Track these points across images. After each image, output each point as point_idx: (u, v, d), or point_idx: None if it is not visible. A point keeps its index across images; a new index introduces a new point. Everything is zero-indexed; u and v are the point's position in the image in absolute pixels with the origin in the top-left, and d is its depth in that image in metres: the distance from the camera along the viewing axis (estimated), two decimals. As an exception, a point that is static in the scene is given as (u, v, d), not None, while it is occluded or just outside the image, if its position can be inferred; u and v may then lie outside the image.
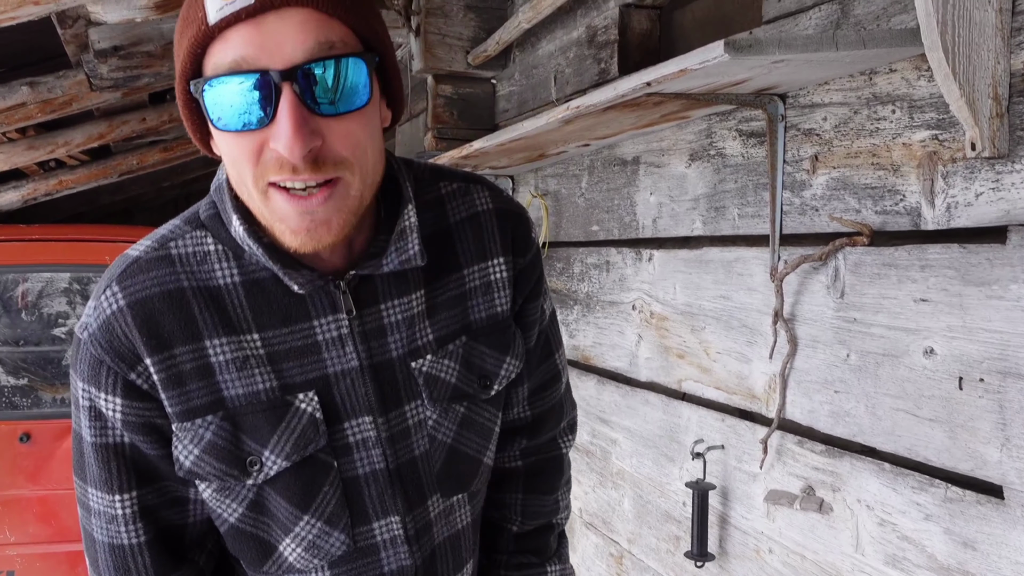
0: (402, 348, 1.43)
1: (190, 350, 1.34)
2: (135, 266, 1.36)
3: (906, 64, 1.91)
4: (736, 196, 2.50)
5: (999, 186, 1.69)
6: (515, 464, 1.77)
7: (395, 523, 1.46)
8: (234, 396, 1.35)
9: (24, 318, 5.50)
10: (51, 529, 5.34)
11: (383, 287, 1.41)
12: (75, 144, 5.65)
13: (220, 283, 1.35)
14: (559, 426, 1.80)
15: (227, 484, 1.39)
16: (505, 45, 3.92)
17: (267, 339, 1.36)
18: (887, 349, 1.95)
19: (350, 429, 1.41)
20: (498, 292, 1.53)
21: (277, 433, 1.36)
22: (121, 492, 1.38)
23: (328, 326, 1.38)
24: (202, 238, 1.37)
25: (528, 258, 1.57)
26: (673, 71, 1.93)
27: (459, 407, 1.50)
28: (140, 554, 1.41)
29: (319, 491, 1.41)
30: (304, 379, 1.38)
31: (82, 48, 4.19)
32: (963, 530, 1.77)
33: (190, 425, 1.34)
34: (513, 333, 1.57)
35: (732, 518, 2.55)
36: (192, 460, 1.36)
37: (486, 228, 1.52)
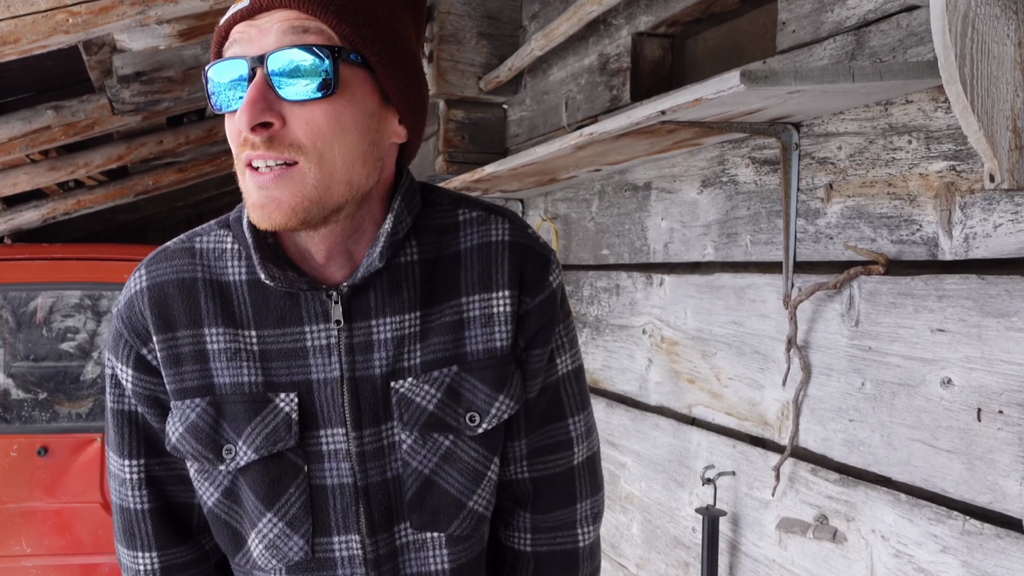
0: (385, 367, 1.44)
1: (190, 334, 1.44)
2: (163, 254, 1.50)
3: (923, 95, 1.91)
4: (749, 223, 2.50)
5: (1018, 218, 1.69)
6: (524, 548, 1.67)
7: (355, 542, 1.45)
8: (222, 384, 1.43)
9: (43, 334, 5.54)
10: (66, 541, 5.37)
11: (377, 304, 1.44)
12: (95, 165, 5.71)
13: (230, 279, 1.45)
14: (574, 508, 1.67)
15: (204, 467, 1.46)
16: (517, 71, 3.95)
17: (262, 337, 1.43)
18: (903, 379, 1.95)
19: (324, 438, 1.44)
20: (499, 326, 1.48)
21: (251, 425, 1.42)
22: (130, 457, 1.50)
23: (318, 334, 1.43)
24: (223, 236, 1.49)
25: (538, 300, 1.52)
26: (688, 100, 1.94)
27: (442, 439, 1.47)
28: (144, 520, 1.51)
29: (284, 491, 1.44)
30: (288, 380, 1.43)
31: (106, 74, 4.26)
32: (981, 563, 1.77)
33: (181, 404, 1.44)
34: (512, 372, 1.51)
35: (743, 545, 2.54)
36: (176, 437, 1.45)
37: (495, 259, 1.49)
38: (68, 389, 5.53)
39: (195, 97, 4.49)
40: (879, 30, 2.02)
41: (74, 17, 2.74)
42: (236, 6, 1.32)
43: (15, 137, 4.62)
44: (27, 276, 5.51)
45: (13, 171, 5.52)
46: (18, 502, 5.33)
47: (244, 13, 1.30)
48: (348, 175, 1.34)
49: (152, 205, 8.33)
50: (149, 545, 1.51)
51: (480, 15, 4.18)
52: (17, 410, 5.44)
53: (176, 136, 5.77)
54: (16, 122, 4.60)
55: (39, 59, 3.43)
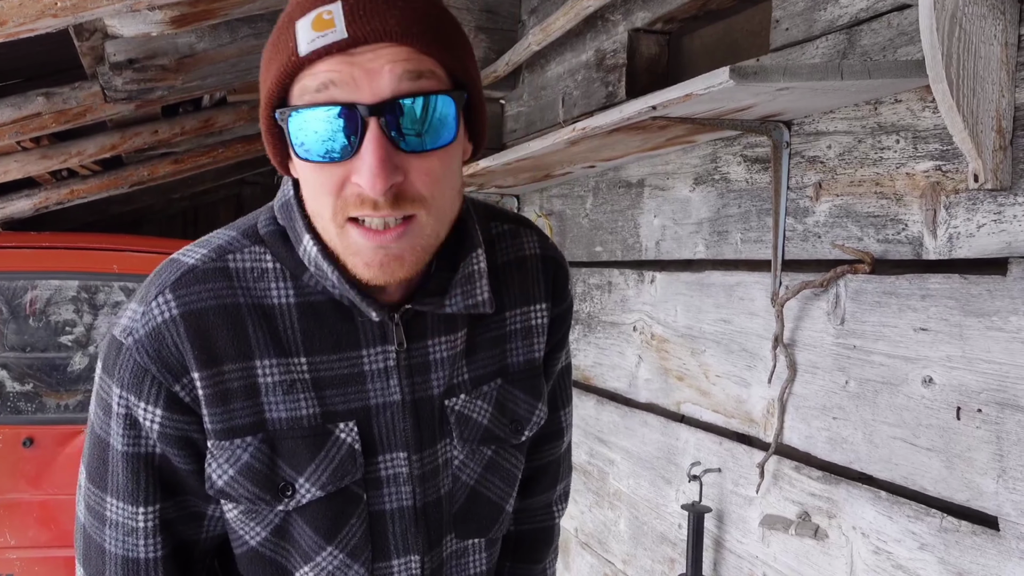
0: (441, 386, 1.41)
1: (240, 368, 1.31)
2: (191, 275, 1.33)
3: (911, 95, 1.92)
4: (739, 221, 2.51)
5: (1001, 218, 1.70)
6: (508, 528, 1.72)
7: (415, 562, 1.43)
8: (276, 419, 1.33)
9: (32, 324, 5.52)
10: (52, 533, 5.34)
11: (432, 323, 1.39)
12: (88, 154, 5.68)
13: (275, 302, 1.33)
14: (554, 491, 1.77)
15: (256, 508, 1.36)
16: (515, 66, 3.94)
17: (314, 364, 1.33)
18: (886, 377, 1.96)
19: (383, 463, 1.38)
20: (537, 338, 1.52)
21: (315, 462, 1.34)
22: (146, 504, 1.35)
23: (376, 357, 1.36)
24: (261, 254, 1.35)
25: (562, 308, 1.57)
26: (679, 95, 1.94)
27: (487, 450, 1.48)
28: (155, 569, 1.37)
29: (346, 523, 1.38)
30: (346, 408, 1.35)
31: (98, 60, 4.23)
32: (958, 560, 1.78)
33: (228, 444, 1.32)
34: (542, 380, 1.55)
35: (727, 542, 2.55)
36: (225, 480, 1.33)
37: (532, 273, 1.51)
38: (55, 380, 5.51)
39: (190, 86, 4.47)
40: (870, 29, 2.03)
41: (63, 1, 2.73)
42: (318, 34, 1.16)
43: (4, 123, 4.58)
44: (17, 265, 5.48)
45: (4, 158, 5.51)
46: (2, 493, 5.32)
47: (341, 46, 1.15)
48: (451, 214, 1.29)
49: (148, 196, 8.33)
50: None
51: (479, 9, 4.17)
52: (3, 400, 5.43)
53: (171, 126, 5.75)
54: (5, 108, 4.56)
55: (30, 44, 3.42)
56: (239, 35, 4.31)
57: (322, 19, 1.16)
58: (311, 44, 1.15)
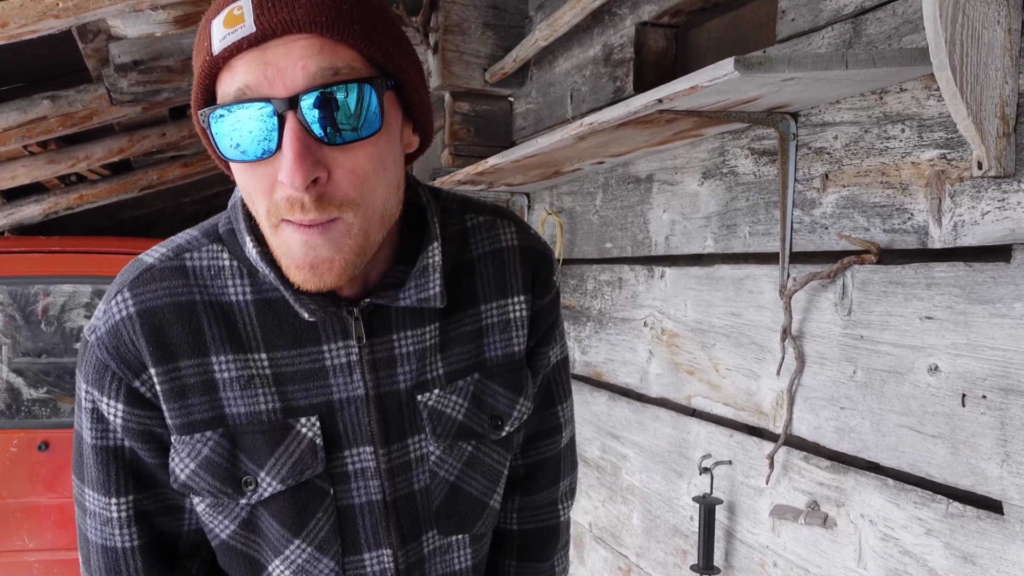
0: (410, 380, 1.41)
1: (195, 364, 1.32)
2: (148, 274, 1.36)
3: (916, 83, 1.93)
4: (747, 214, 2.51)
5: (1005, 205, 1.70)
6: (511, 527, 1.72)
7: (387, 556, 1.43)
8: (235, 414, 1.34)
9: (44, 329, 5.54)
10: (69, 536, 5.38)
11: (397, 318, 1.38)
12: (96, 158, 5.69)
13: (232, 299, 1.34)
14: (557, 487, 1.75)
15: (220, 501, 1.37)
16: (522, 62, 3.95)
17: (275, 360, 1.34)
18: (893, 366, 1.97)
19: (350, 458, 1.39)
20: (516, 331, 1.50)
21: (275, 456, 1.35)
22: (117, 495, 1.38)
23: (338, 352, 1.36)
24: (218, 252, 1.36)
25: (546, 300, 1.55)
26: (685, 88, 1.95)
27: (466, 446, 1.47)
28: (132, 558, 1.40)
29: (312, 516, 1.38)
30: (308, 403, 1.36)
31: (103, 62, 4.23)
32: (963, 545, 1.78)
33: (188, 439, 1.33)
34: (526, 375, 1.54)
35: (738, 532, 2.56)
36: (187, 474, 1.35)
37: (508, 264, 1.49)
38: (70, 384, 5.54)
39: (198, 87, 4.48)
40: (875, 18, 2.04)
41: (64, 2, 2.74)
42: (228, 31, 1.15)
43: (10, 127, 4.58)
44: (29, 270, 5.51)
45: (11, 163, 5.51)
46: (19, 497, 5.35)
47: (251, 40, 1.13)
48: (384, 212, 1.27)
49: (158, 200, 8.32)
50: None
51: (485, 5, 4.17)
52: (17, 405, 5.46)
53: (179, 129, 5.75)
54: (10, 112, 4.57)
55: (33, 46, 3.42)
56: (246, 35, 4.32)
57: (233, 15, 1.15)
58: (223, 42, 1.15)
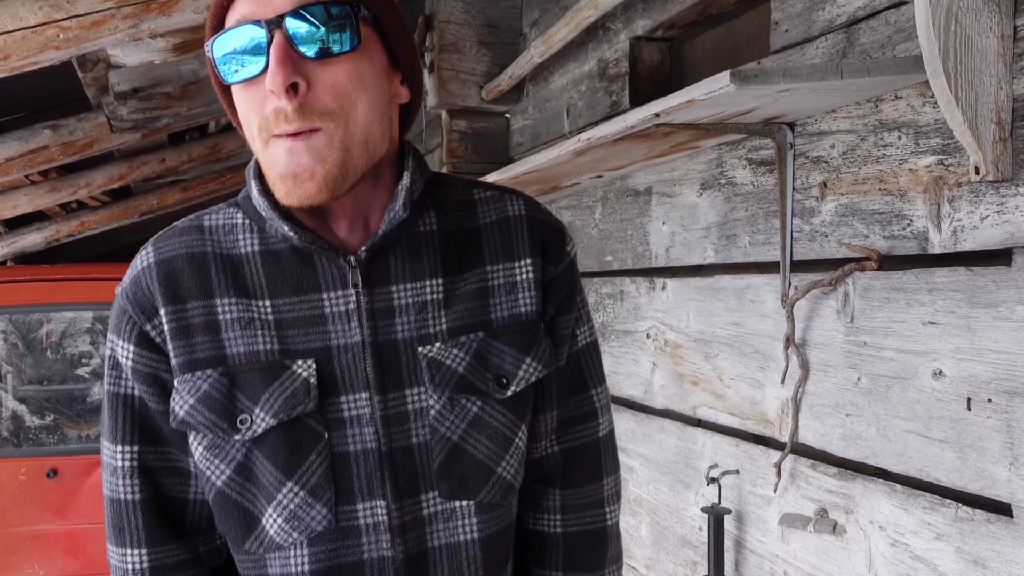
0: (410, 331, 1.44)
1: (201, 305, 1.42)
2: (170, 232, 1.49)
3: (911, 91, 1.94)
4: (747, 224, 2.53)
5: (1004, 209, 1.72)
6: (554, 530, 1.66)
7: (380, 508, 1.41)
8: (235, 354, 1.41)
9: (49, 357, 5.55)
10: (79, 563, 5.39)
11: (396, 269, 1.44)
12: (96, 185, 5.71)
13: (241, 251, 1.44)
14: (601, 485, 1.69)
15: (217, 439, 1.40)
16: (518, 79, 3.97)
17: (276, 306, 1.42)
18: (897, 372, 1.98)
19: (346, 404, 1.41)
20: (523, 292, 1.50)
21: (269, 391, 1.39)
22: (123, 443, 1.45)
23: (336, 300, 1.42)
24: (233, 213, 1.48)
25: (561, 268, 1.56)
26: (681, 102, 1.96)
27: (470, 405, 1.46)
28: (134, 512, 1.45)
29: (305, 458, 1.39)
30: (306, 347, 1.41)
31: (102, 91, 4.25)
32: (974, 549, 1.79)
33: (190, 376, 1.40)
34: (540, 337, 1.52)
35: (747, 542, 2.56)
36: (186, 410, 1.40)
37: (515, 232, 1.52)
38: (75, 411, 5.55)
39: (195, 113, 4.50)
40: (868, 27, 2.05)
41: (65, 32, 2.75)
42: None
43: (12, 157, 4.61)
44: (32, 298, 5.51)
45: (13, 193, 5.53)
46: (29, 525, 5.35)
47: None
48: (366, 134, 1.35)
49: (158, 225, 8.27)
50: (139, 540, 1.46)
51: (480, 23, 4.19)
52: (25, 433, 5.47)
53: (178, 154, 5.77)
54: (12, 142, 4.59)
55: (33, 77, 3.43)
56: (243, 60, 4.34)
57: None
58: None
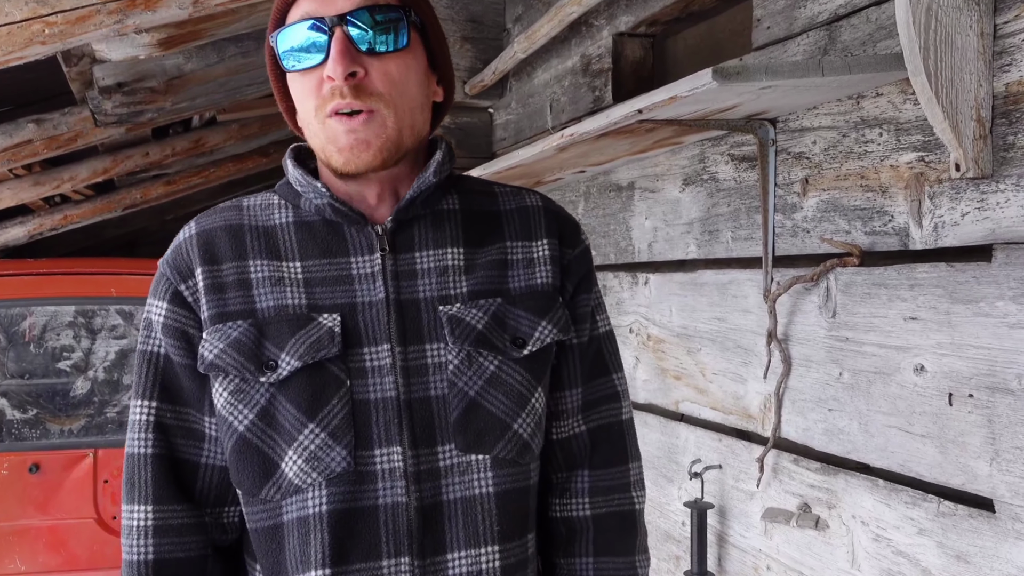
0: (432, 292, 1.53)
1: (235, 266, 1.53)
2: (212, 210, 1.62)
3: (892, 88, 1.95)
4: (729, 219, 2.53)
5: (984, 205, 1.73)
6: (583, 513, 1.68)
7: (396, 455, 1.47)
8: (265, 308, 1.51)
9: (31, 351, 5.53)
10: (61, 558, 5.36)
11: (420, 239, 1.56)
12: (80, 179, 5.69)
13: (276, 223, 1.58)
14: (628, 468, 1.71)
15: (244, 383, 1.49)
16: (501, 75, 3.96)
17: (306, 267, 1.53)
18: (878, 367, 1.99)
19: (368, 354, 1.49)
20: (540, 267, 1.60)
21: (295, 338, 1.48)
22: (143, 398, 1.55)
23: (363, 263, 1.53)
24: (269, 196, 1.63)
25: (577, 251, 1.66)
26: (664, 98, 1.97)
27: (487, 363, 1.52)
28: (144, 466, 1.54)
29: (327, 402, 1.46)
30: (332, 303, 1.51)
31: (87, 85, 4.24)
32: (956, 544, 1.80)
33: (221, 326, 1.50)
34: (557, 306, 1.60)
35: (730, 536, 2.57)
36: (215, 353, 1.49)
37: (533, 217, 1.64)
38: (58, 406, 5.53)
39: (179, 108, 4.48)
40: (850, 24, 2.06)
41: (50, 27, 2.75)
42: None
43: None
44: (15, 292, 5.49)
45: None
46: (11, 520, 5.33)
47: None
48: (412, 120, 1.51)
49: (141, 219, 8.32)
50: (146, 496, 1.52)
51: (463, 19, 4.19)
52: (7, 428, 5.44)
53: (162, 148, 5.76)
54: (-3, 136, 4.59)
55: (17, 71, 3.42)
56: (226, 55, 4.33)
57: None
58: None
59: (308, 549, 1.46)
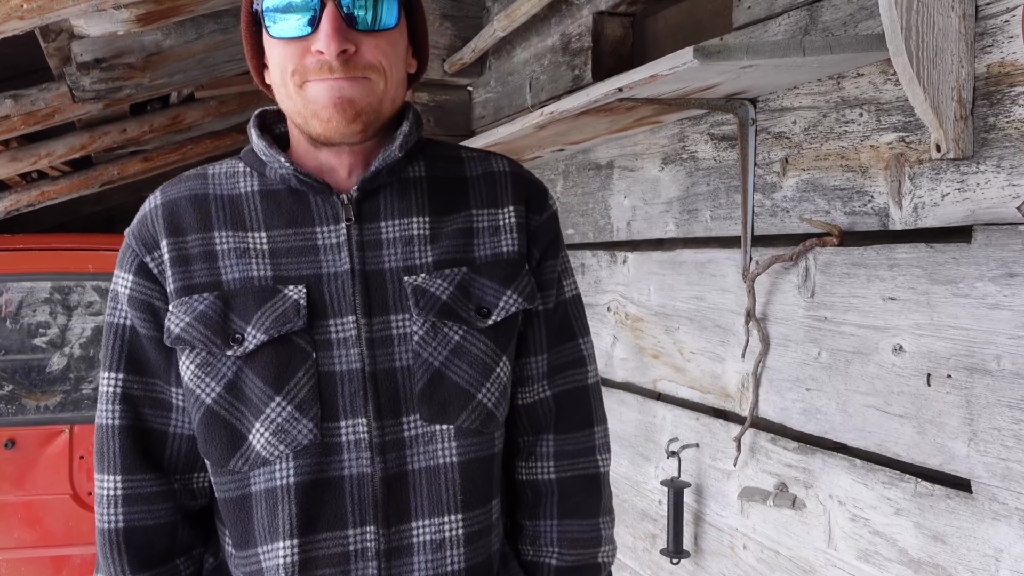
0: (397, 262, 1.53)
1: (200, 237, 1.53)
2: (176, 179, 1.62)
3: (873, 68, 1.95)
4: (708, 199, 2.53)
5: (964, 187, 1.73)
6: (548, 476, 1.69)
7: (362, 426, 1.48)
8: (231, 280, 1.51)
9: (7, 327, 5.50)
10: (36, 534, 5.35)
11: (385, 208, 1.55)
12: (57, 155, 5.66)
13: (241, 191, 1.56)
14: (593, 432, 1.73)
15: (211, 356, 1.49)
16: (481, 53, 3.95)
17: (272, 237, 1.53)
18: (857, 347, 1.99)
19: (334, 327, 1.50)
20: (506, 235, 1.60)
21: (261, 311, 1.48)
22: (111, 370, 1.56)
23: (328, 233, 1.52)
24: (235, 163, 1.61)
25: (544, 217, 1.66)
26: (644, 77, 1.96)
27: (452, 333, 1.53)
28: (113, 437, 1.55)
29: (293, 375, 1.48)
30: (297, 274, 1.51)
31: (65, 61, 4.22)
32: (933, 524, 1.81)
33: (187, 299, 1.50)
34: (522, 274, 1.60)
35: (707, 515, 2.58)
36: (182, 327, 1.49)
37: (500, 183, 1.64)
38: (33, 382, 5.51)
39: (157, 84, 4.45)
40: (831, 4, 2.05)
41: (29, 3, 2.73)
42: None
43: (-27, 128, 4.57)
44: (-4, 268, 5.46)
45: (-27, 163, 5.48)
46: (-15, 496, 5.32)
47: None
48: (395, 94, 1.52)
49: (118, 195, 8.26)
50: (115, 467, 1.54)
51: (443, -3, 4.18)
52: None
53: (140, 124, 5.73)
54: (-26, 113, 4.55)
55: (-4, 47, 3.41)
56: (205, 31, 4.31)
57: None
58: None
59: (276, 520, 1.49)
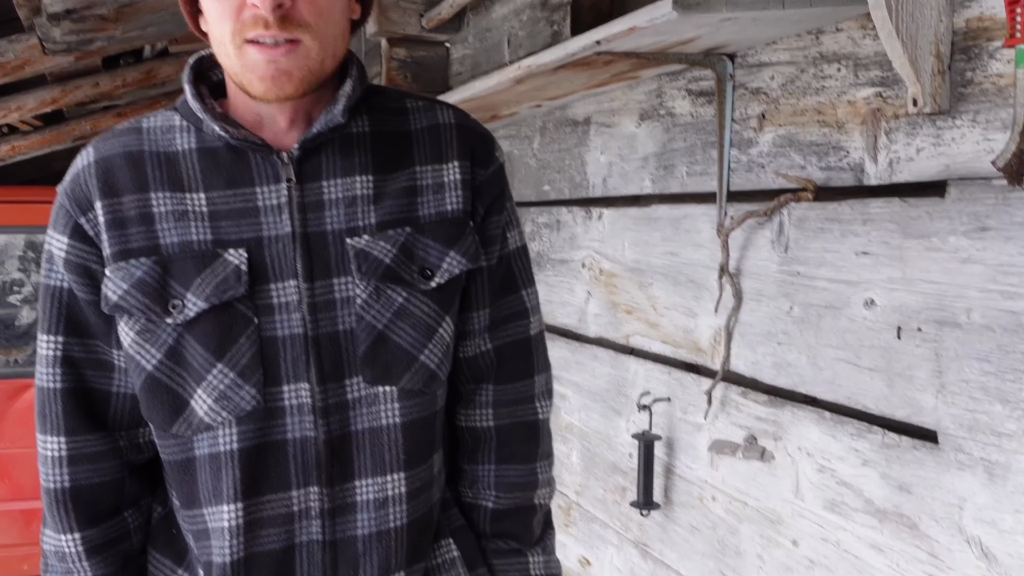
0: (339, 224, 1.51)
1: (136, 199, 1.49)
2: (109, 133, 1.56)
3: (852, 23, 1.95)
4: (685, 155, 2.54)
5: (939, 141, 1.74)
6: (487, 424, 1.71)
7: (304, 390, 1.49)
8: (169, 244, 1.48)
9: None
10: (6, 487, 5.35)
11: (328, 167, 1.52)
12: (28, 109, 5.62)
13: (178, 149, 1.51)
14: (532, 381, 1.74)
15: (150, 323, 1.48)
16: (459, 8, 3.93)
17: (211, 199, 1.49)
18: (829, 301, 2.01)
19: (275, 291, 1.49)
20: (450, 192, 1.58)
21: (201, 276, 1.46)
22: (50, 333, 1.53)
23: (269, 194, 1.49)
24: (171, 116, 1.55)
25: (490, 171, 1.63)
26: (623, 29, 1.97)
27: (395, 296, 1.52)
28: (55, 401, 1.53)
29: (235, 342, 1.47)
30: (238, 238, 1.48)
31: (35, 11, 4.16)
32: (899, 474, 1.83)
33: (124, 264, 1.47)
34: (466, 233, 1.59)
35: (677, 468, 2.60)
36: (119, 295, 1.47)
37: (444, 137, 1.59)
38: (3, 336, 5.49)
39: (130, 37, 4.41)
40: (810, -40, 2.06)
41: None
42: None
43: (-61, 79, 4.52)
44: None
45: (-60, 116, 5.44)
46: (-47, 450, 5.31)
47: None
48: (335, 48, 1.47)
49: (92, 150, 8.24)
50: (58, 428, 1.53)
51: (421, -49, 4.16)
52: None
53: (113, 78, 5.68)
54: (-61, 63, 4.51)
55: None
56: (180, -18, 4.27)
57: None
58: None
59: (220, 484, 1.50)
